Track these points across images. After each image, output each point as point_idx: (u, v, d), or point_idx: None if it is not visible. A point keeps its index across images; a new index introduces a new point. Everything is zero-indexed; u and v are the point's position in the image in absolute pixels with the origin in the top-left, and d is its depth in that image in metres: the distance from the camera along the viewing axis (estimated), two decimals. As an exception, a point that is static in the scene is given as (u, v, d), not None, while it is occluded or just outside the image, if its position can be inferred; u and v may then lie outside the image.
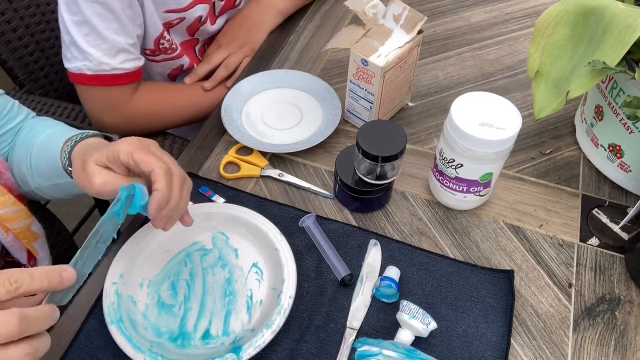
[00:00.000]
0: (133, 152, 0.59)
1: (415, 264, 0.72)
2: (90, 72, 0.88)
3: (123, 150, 0.59)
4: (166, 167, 0.59)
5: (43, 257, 0.81)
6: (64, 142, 0.69)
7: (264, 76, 0.95)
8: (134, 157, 0.59)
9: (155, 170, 0.58)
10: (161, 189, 0.58)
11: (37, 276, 0.45)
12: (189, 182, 0.64)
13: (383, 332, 0.67)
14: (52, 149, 0.70)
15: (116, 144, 0.60)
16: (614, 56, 0.65)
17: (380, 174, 0.73)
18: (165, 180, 0.59)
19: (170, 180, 0.60)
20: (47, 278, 0.46)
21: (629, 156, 0.77)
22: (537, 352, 0.66)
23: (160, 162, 0.59)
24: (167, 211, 0.60)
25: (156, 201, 0.58)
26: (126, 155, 0.59)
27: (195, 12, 0.97)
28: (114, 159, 0.59)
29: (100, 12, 0.83)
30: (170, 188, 0.59)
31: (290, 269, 0.69)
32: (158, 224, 0.62)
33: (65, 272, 0.47)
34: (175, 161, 0.63)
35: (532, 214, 0.79)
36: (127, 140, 0.61)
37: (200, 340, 0.66)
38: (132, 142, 0.60)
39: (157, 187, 0.58)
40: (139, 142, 0.61)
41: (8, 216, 0.71)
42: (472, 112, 0.68)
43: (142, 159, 0.59)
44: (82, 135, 0.69)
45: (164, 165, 0.59)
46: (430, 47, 1.04)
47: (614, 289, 0.71)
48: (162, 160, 0.60)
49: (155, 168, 0.58)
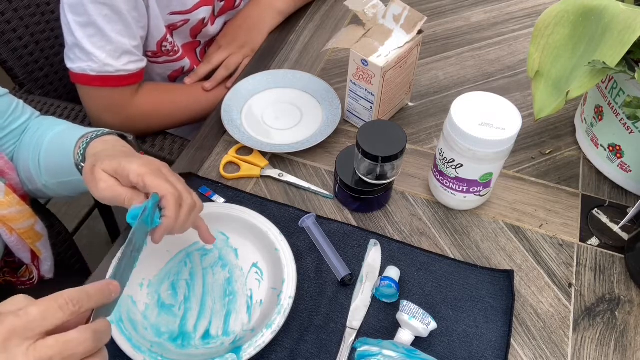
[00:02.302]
0: (144, 175, 0.59)
1: (415, 264, 0.72)
2: (94, 73, 0.88)
3: (134, 171, 0.59)
4: (178, 194, 0.60)
5: (46, 258, 0.81)
6: (79, 139, 0.69)
7: (264, 76, 0.95)
8: (145, 180, 0.59)
9: (167, 198, 0.59)
10: (170, 217, 0.59)
11: (93, 294, 0.46)
12: (200, 206, 0.65)
13: (383, 332, 0.67)
14: (64, 146, 0.70)
15: (128, 163, 0.60)
16: (614, 56, 0.65)
17: (380, 174, 0.73)
18: (175, 209, 0.60)
19: (179, 209, 0.60)
20: (101, 294, 0.47)
21: (629, 156, 0.77)
22: (537, 352, 0.66)
23: (173, 189, 0.60)
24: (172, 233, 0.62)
25: (163, 228, 0.60)
26: (136, 177, 0.59)
27: (199, 14, 0.97)
28: (122, 177, 0.60)
29: (107, 14, 0.83)
30: (178, 216, 0.60)
31: (290, 269, 0.69)
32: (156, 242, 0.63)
33: (112, 285, 0.49)
34: (187, 187, 0.63)
35: (532, 214, 0.79)
36: (138, 161, 0.61)
37: (200, 340, 0.66)
38: (144, 164, 0.61)
39: (167, 214, 0.59)
40: (150, 164, 0.62)
41: (12, 216, 0.71)
42: (472, 112, 0.68)
43: (153, 183, 0.59)
44: (98, 132, 0.70)
45: (176, 192, 0.60)
46: (430, 47, 1.04)
47: (614, 289, 0.71)
48: (173, 186, 0.60)
49: (167, 195, 0.59)
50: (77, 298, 0.45)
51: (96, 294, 0.47)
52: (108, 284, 0.48)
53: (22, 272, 0.83)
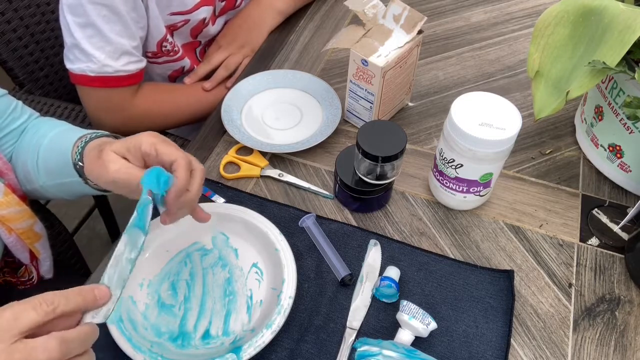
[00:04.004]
0: (156, 144, 0.60)
1: (415, 264, 0.72)
2: (94, 73, 0.88)
3: (146, 141, 0.60)
4: (188, 159, 0.61)
5: (45, 258, 0.81)
6: (77, 139, 0.70)
7: (264, 76, 0.95)
8: (157, 148, 0.60)
9: (178, 161, 0.60)
10: (182, 178, 0.60)
11: (72, 296, 0.46)
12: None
13: (383, 332, 0.67)
14: (63, 146, 0.70)
15: (138, 136, 0.61)
16: (614, 56, 0.65)
17: (380, 174, 0.73)
18: (186, 171, 0.60)
19: (189, 172, 0.61)
20: (81, 297, 0.47)
21: (629, 156, 0.77)
22: (537, 352, 0.66)
23: (182, 154, 0.61)
24: (183, 201, 0.61)
25: (176, 188, 0.59)
26: (149, 146, 0.60)
27: (199, 14, 0.97)
28: (135, 149, 0.61)
29: (106, 15, 0.83)
30: (189, 179, 0.61)
31: (290, 269, 0.69)
32: (169, 215, 0.63)
33: (98, 290, 0.48)
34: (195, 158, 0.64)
35: (532, 214, 0.79)
36: (148, 133, 0.62)
37: (200, 340, 0.66)
38: (155, 135, 0.62)
39: (178, 175, 0.60)
40: (159, 135, 0.63)
41: (11, 216, 0.71)
42: (472, 112, 0.68)
43: (165, 150, 0.60)
44: (97, 134, 0.71)
45: (186, 157, 0.61)
46: (430, 47, 1.04)
47: (614, 289, 0.71)
48: (184, 152, 0.62)
49: (178, 159, 0.60)
50: (52, 299, 0.44)
51: (75, 297, 0.46)
52: (93, 288, 0.48)
53: (22, 272, 0.83)
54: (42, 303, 0.44)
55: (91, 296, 0.47)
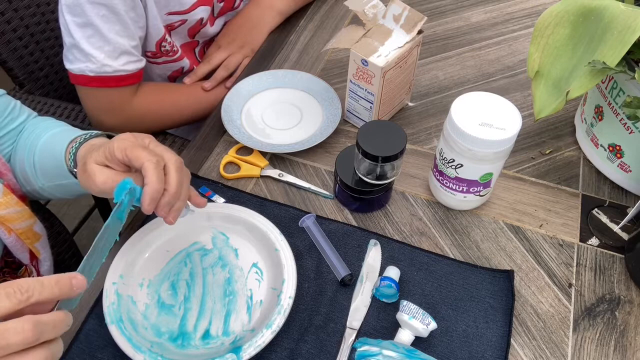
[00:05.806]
0: (126, 149, 0.59)
1: (415, 264, 0.72)
2: (93, 73, 0.88)
3: (117, 147, 0.59)
4: (155, 159, 0.59)
5: (45, 258, 0.81)
6: (68, 144, 0.69)
7: (264, 76, 0.95)
8: (127, 154, 0.59)
9: (145, 165, 0.58)
10: (151, 182, 0.58)
11: (47, 285, 0.45)
12: (187, 171, 0.64)
13: (383, 332, 0.67)
14: (55, 150, 0.70)
15: (112, 142, 0.60)
16: (614, 56, 0.65)
17: (380, 174, 0.73)
18: (156, 173, 0.59)
19: (161, 172, 0.60)
20: (57, 286, 0.46)
21: (629, 156, 0.77)
22: (537, 352, 0.66)
23: (150, 156, 0.59)
24: (167, 199, 0.60)
25: (147, 195, 0.58)
26: (120, 152, 0.59)
27: (196, 15, 0.97)
28: (111, 157, 0.60)
29: (105, 14, 0.83)
30: (161, 179, 0.59)
31: (290, 269, 0.69)
32: (161, 215, 0.62)
33: (75, 280, 0.47)
34: (172, 151, 0.63)
35: (532, 214, 0.79)
36: (121, 136, 0.61)
37: (200, 340, 0.66)
38: (126, 138, 0.61)
39: (147, 181, 0.58)
40: (133, 137, 0.61)
41: (11, 216, 0.71)
42: (472, 112, 0.68)
43: (133, 155, 0.59)
44: (86, 136, 0.70)
45: (153, 158, 0.59)
46: (430, 47, 1.04)
47: (614, 289, 0.71)
48: (152, 153, 0.60)
49: (145, 162, 0.58)
50: (26, 287, 0.43)
51: (51, 285, 0.45)
52: (71, 277, 0.47)
53: (22, 272, 0.83)
54: (17, 291, 0.43)
55: (68, 285, 0.46)
